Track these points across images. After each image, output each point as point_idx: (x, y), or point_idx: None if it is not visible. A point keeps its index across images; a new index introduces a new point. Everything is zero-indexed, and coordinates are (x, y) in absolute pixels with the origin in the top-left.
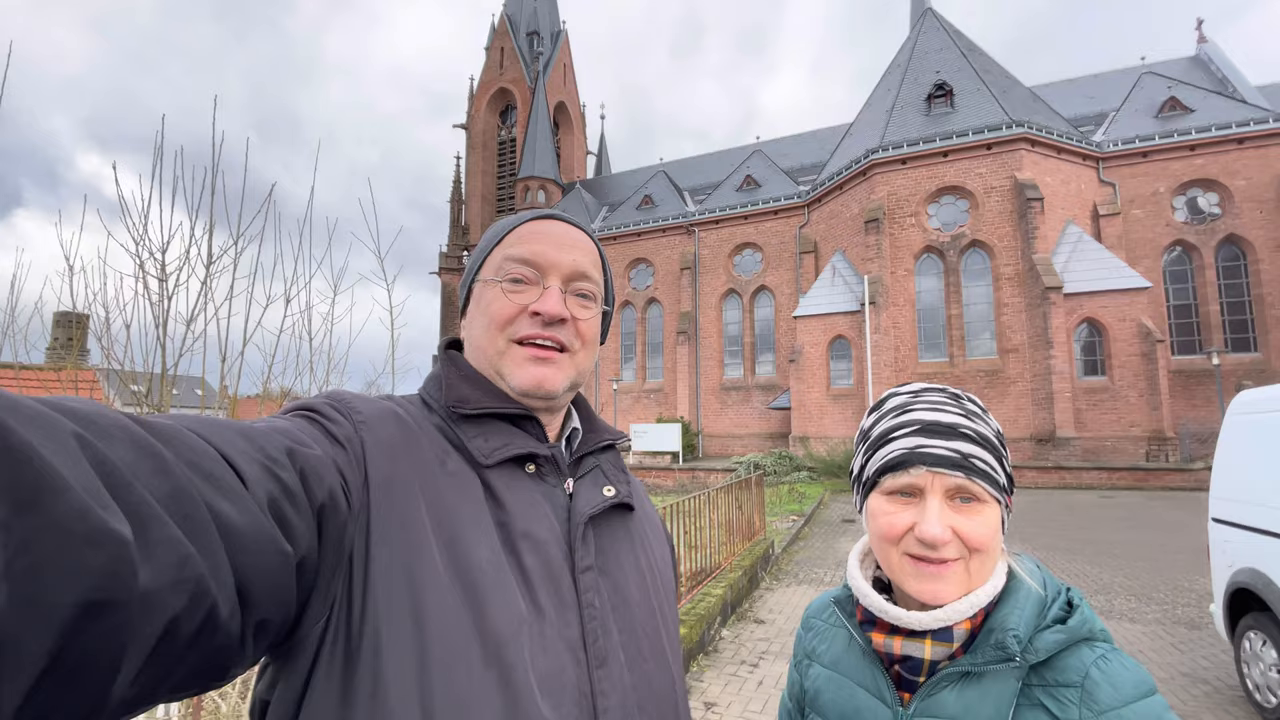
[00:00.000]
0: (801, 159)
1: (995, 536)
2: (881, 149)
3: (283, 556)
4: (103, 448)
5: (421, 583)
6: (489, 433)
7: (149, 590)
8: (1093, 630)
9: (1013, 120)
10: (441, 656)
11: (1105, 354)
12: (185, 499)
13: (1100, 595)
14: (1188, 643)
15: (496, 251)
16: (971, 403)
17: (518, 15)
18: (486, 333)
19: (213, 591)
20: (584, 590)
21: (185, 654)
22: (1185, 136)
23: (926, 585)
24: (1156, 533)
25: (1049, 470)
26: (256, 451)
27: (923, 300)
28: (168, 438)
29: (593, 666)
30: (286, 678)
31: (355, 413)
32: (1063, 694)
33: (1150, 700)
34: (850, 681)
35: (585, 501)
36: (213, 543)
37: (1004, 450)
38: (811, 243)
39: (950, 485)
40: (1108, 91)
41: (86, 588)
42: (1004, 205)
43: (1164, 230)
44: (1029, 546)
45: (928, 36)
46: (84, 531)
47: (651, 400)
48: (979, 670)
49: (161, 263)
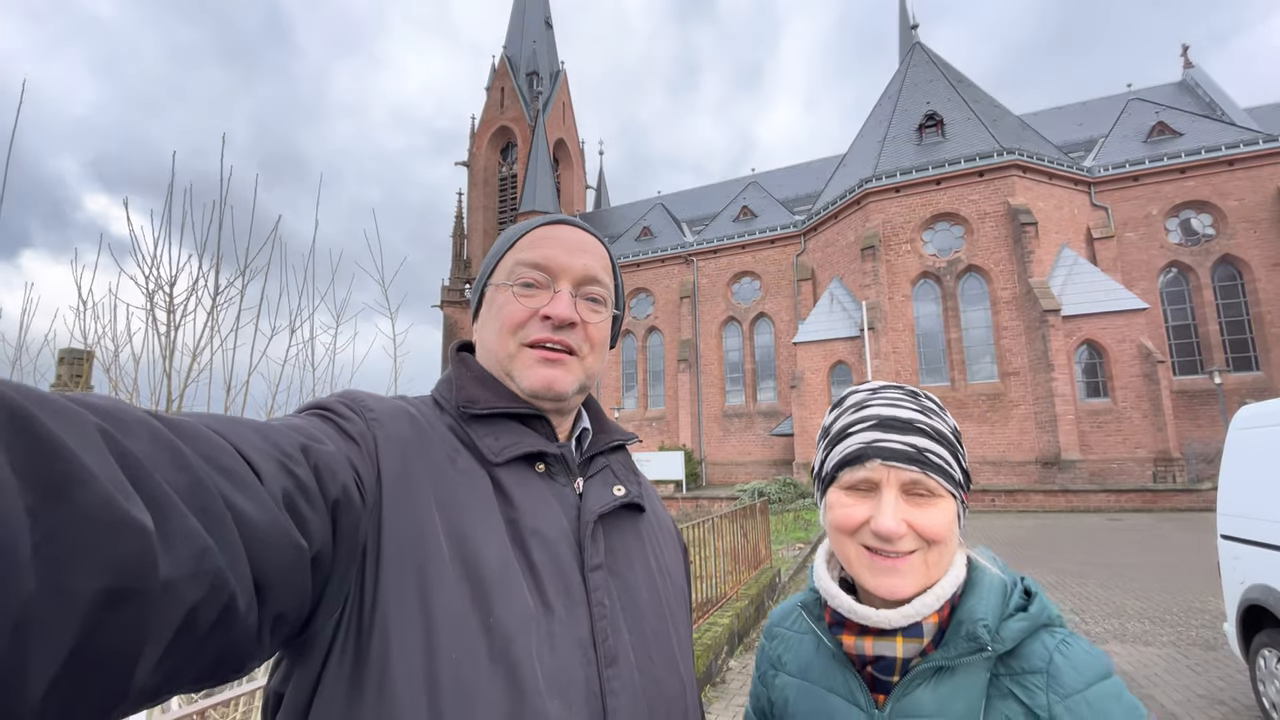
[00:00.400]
0: (796, 189)
1: (951, 529)
2: (875, 178)
3: (298, 550)
4: (125, 441)
5: (430, 578)
6: (499, 432)
7: (169, 580)
8: (1050, 616)
9: (1003, 148)
10: (449, 651)
11: (1107, 375)
12: (203, 492)
13: (1113, 619)
14: (1203, 664)
15: (508, 256)
16: (929, 400)
17: (518, 56)
18: (498, 336)
19: (231, 583)
20: (593, 589)
21: (204, 644)
22: (1175, 160)
23: (884, 580)
24: (1167, 554)
25: (1055, 494)
26: (271, 448)
27: (921, 325)
28: (186, 433)
29: (602, 665)
30: (300, 670)
31: (368, 410)
32: (1029, 680)
33: (1110, 681)
34: (821, 688)
35: (595, 500)
36: (230, 536)
37: (960, 447)
38: (809, 270)
39: (905, 479)
40: (1096, 118)
41: (110, 576)
42: (998, 230)
43: (1159, 252)
44: (1038, 571)
45: (917, 69)
46: (108, 521)
47: (654, 428)
48: (951, 664)
49: (169, 295)
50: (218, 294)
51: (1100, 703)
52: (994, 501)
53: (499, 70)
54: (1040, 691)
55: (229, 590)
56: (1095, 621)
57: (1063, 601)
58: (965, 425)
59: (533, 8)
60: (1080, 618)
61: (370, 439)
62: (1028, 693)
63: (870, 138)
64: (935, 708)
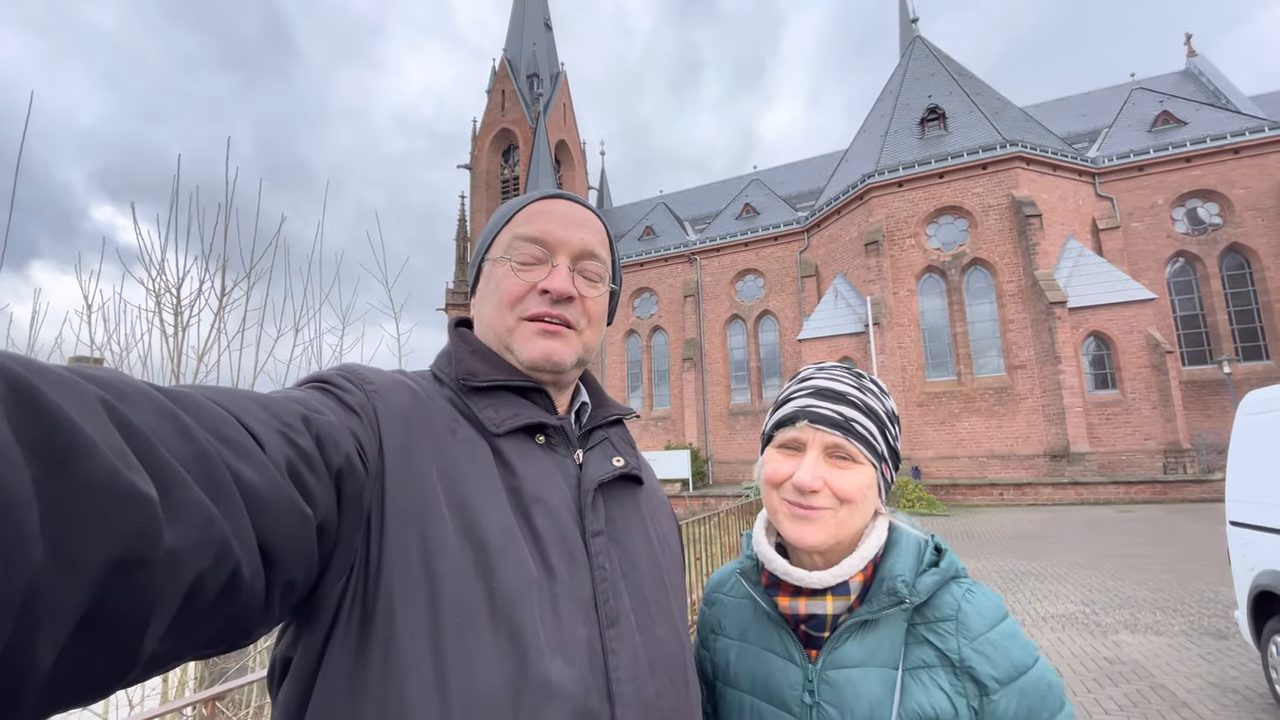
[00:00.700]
0: (799, 186)
1: (865, 492)
2: (877, 173)
3: (303, 518)
4: (127, 412)
5: (434, 545)
6: (499, 404)
7: (175, 549)
8: (957, 569)
9: (1006, 140)
10: (453, 615)
11: (1115, 367)
12: (207, 462)
13: (1124, 609)
14: (1215, 653)
15: (505, 230)
16: (870, 381)
17: (518, 59)
18: (496, 310)
19: (236, 552)
20: (595, 553)
21: (211, 612)
22: (1180, 149)
23: (798, 527)
24: (1178, 545)
25: (1065, 486)
26: (272, 418)
27: (927, 319)
28: (187, 404)
29: (604, 626)
30: (308, 636)
31: (367, 383)
32: (941, 627)
33: (1008, 622)
34: (758, 648)
35: (595, 470)
36: (235, 505)
37: (891, 427)
38: (812, 267)
39: (829, 442)
40: (1099, 108)
41: (115, 546)
42: (1002, 223)
43: (1165, 242)
44: (1048, 564)
45: (918, 63)
46: (113, 492)
47: (659, 428)
48: (875, 617)
49: (176, 298)
50: (224, 295)
51: (1001, 641)
52: (1002, 495)
53: (499, 73)
54: (951, 636)
55: (235, 558)
56: (1106, 612)
57: (1073, 593)
58: (972, 419)
59: (532, 10)
60: (1091, 609)
61: (370, 410)
62: (940, 638)
63: (872, 132)
64: (862, 657)
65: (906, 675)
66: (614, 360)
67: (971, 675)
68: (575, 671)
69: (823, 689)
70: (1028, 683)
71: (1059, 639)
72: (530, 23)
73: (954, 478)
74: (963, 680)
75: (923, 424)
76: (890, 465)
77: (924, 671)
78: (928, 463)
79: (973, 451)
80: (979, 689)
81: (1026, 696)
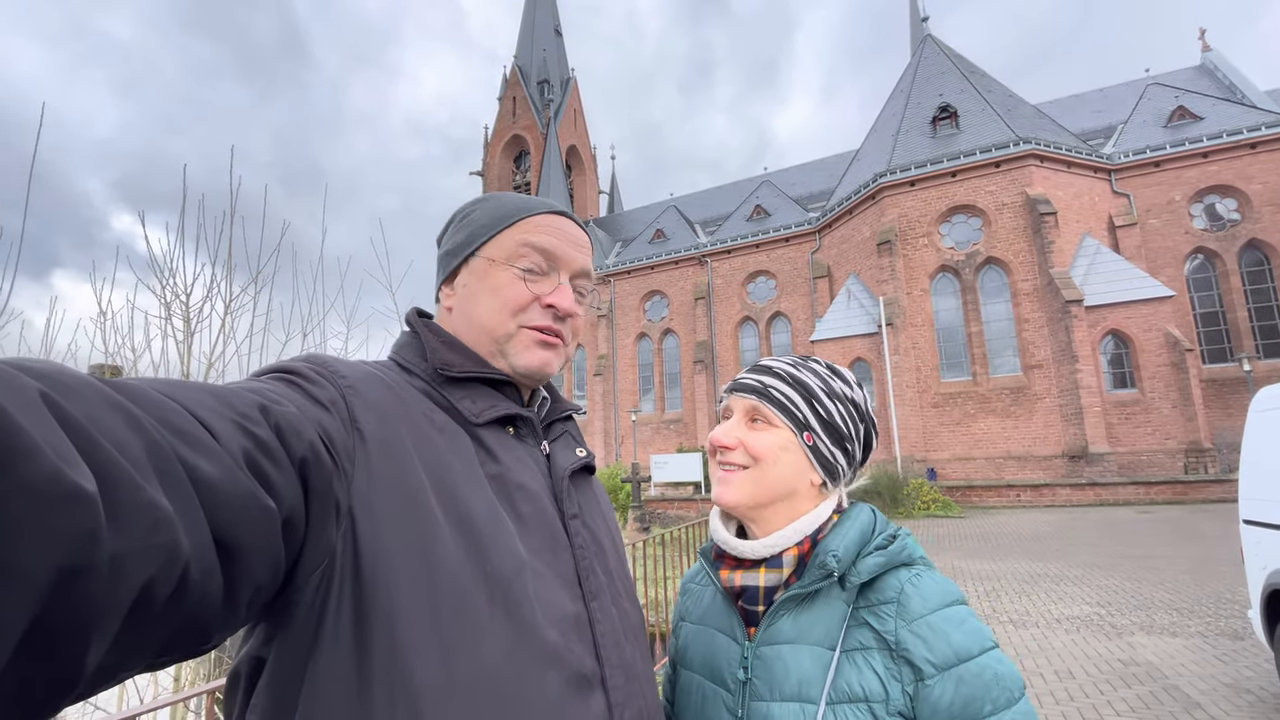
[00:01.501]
0: (810, 187)
1: (776, 453)
2: (890, 172)
3: (265, 511)
4: (69, 406)
5: (427, 534)
6: (475, 395)
7: (122, 553)
8: (911, 557)
9: (1019, 137)
10: (451, 599)
11: (1134, 366)
12: (158, 456)
13: (1140, 611)
14: (1231, 654)
15: (509, 234)
16: (826, 367)
17: (528, 65)
18: (496, 314)
19: (188, 552)
20: (574, 534)
21: (164, 617)
22: (1197, 144)
23: (718, 488)
24: (1198, 546)
25: (1083, 487)
26: (225, 408)
27: (941, 319)
28: (134, 395)
29: (588, 600)
30: (285, 635)
31: (339, 376)
32: (882, 610)
33: (955, 608)
34: (711, 629)
35: (564, 460)
36: (189, 501)
37: (830, 403)
38: (824, 267)
39: (747, 406)
40: (1114, 105)
41: (60, 553)
42: (1017, 221)
43: (1183, 238)
44: (1064, 565)
45: (929, 62)
46: (56, 495)
47: (671, 431)
48: (809, 592)
49: (185, 304)
50: (231, 301)
51: (942, 625)
52: (1019, 496)
53: (510, 80)
54: (890, 619)
55: (186, 559)
56: (1123, 614)
57: (1089, 595)
58: (988, 420)
59: (542, 16)
60: (1107, 610)
61: (343, 406)
62: (879, 620)
63: (883, 132)
64: (794, 634)
65: (843, 656)
66: (625, 363)
67: (907, 658)
68: (568, 641)
69: (755, 665)
70: (969, 671)
71: (1073, 640)
72: (540, 29)
73: (970, 479)
74: (899, 664)
75: (938, 425)
76: (824, 436)
77: (860, 653)
78: (943, 464)
79: (989, 453)
80: (914, 673)
81: (965, 685)
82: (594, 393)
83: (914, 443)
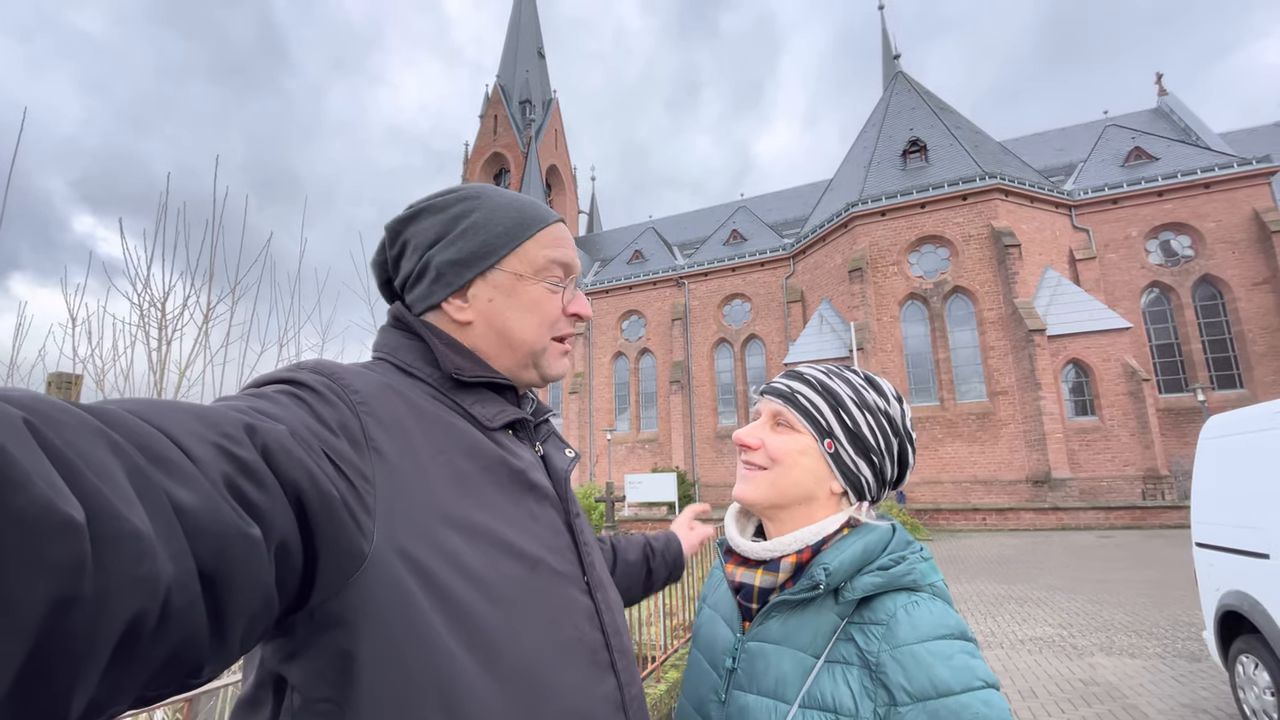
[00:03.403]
0: (785, 213)
1: (795, 457)
2: (861, 202)
3: (247, 539)
4: (51, 434)
5: (451, 545)
6: (484, 400)
7: (109, 583)
8: (917, 582)
9: (985, 172)
10: (483, 603)
11: (1094, 394)
12: (140, 484)
13: (1100, 633)
14: (1188, 675)
15: (531, 246)
16: (863, 378)
17: (510, 85)
18: (536, 330)
19: (171, 581)
20: (577, 531)
21: (150, 650)
22: (1152, 183)
23: (738, 485)
24: (1155, 569)
25: (1046, 511)
26: (208, 430)
27: (910, 345)
28: (115, 422)
29: (593, 591)
30: (308, 654)
31: (353, 391)
32: (871, 630)
33: (947, 642)
34: (719, 615)
35: (560, 460)
36: (171, 530)
37: (858, 413)
38: (798, 292)
39: (773, 409)
40: (1074, 144)
41: (52, 585)
42: (983, 252)
43: (1140, 272)
44: (1028, 588)
45: (900, 97)
46: (46, 526)
47: (646, 451)
48: (800, 600)
49: (161, 312)
50: (209, 310)
51: (926, 656)
52: (985, 520)
53: (492, 98)
54: (876, 640)
55: (170, 589)
56: (1083, 635)
57: (1051, 616)
58: (955, 444)
59: (525, 39)
60: (1068, 631)
61: (356, 425)
62: (865, 639)
63: (856, 163)
64: (780, 636)
65: (824, 666)
66: (601, 382)
67: (884, 682)
68: (584, 632)
69: (742, 657)
70: (945, 707)
71: (1035, 661)
72: (524, 51)
73: (938, 502)
74: (875, 685)
75: None
76: (847, 446)
77: (841, 667)
78: (912, 487)
79: (956, 476)
80: (889, 697)
81: None
82: (569, 411)
83: None
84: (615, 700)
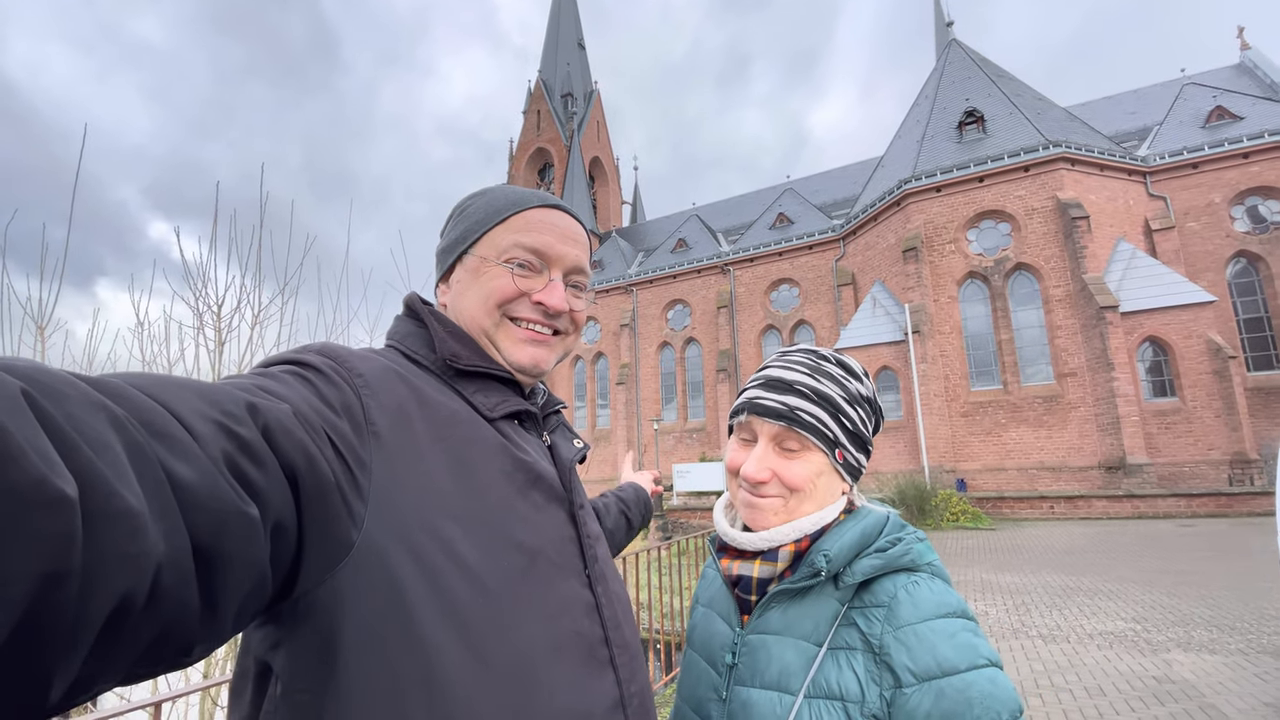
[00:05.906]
0: (833, 194)
1: (813, 480)
2: (914, 178)
3: (244, 518)
4: (49, 406)
5: (447, 532)
6: (486, 389)
7: (99, 559)
8: (915, 563)
9: (1049, 140)
10: (476, 594)
11: (1174, 374)
12: (138, 459)
13: (1178, 627)
14: (1273, 672)
15: (499, 231)
16: (836, 364)
17: (552, 79)
18: (482, 305)
19: (164, 558)
20: (581, 524)
21: (140, 627)
22: (1236, 145)
23: (750, 513)
24: (1241, 560)
25: (1121, 500)
26: (210, 407)
27: (970, 327)
28: (116, 394)
29: (594, 584)
30: (295, 641)
31: (356, 375)
32: (872, 613)
33: (949, 620)
34: (714, 613)
35: (567, 451)
36: (168, 506)
37: (854, 409)
38: (849, 275)
39: (774, 432)
40: (1149, 106)
41: (42, 559)
42: (1048, 226)
43: (1224, 241)
44: (1098, 580)
45: (954, 66)
46: (38, 500)
47: (694, 440)
48: (800, 588)
49: (218, 315)
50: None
51: (929, 635)
52: (1053, 508)
53: (534, 94)
54: (878, 622)
55: (159, 566)
56: (1158, 629)
57: (1123, 609)
58: (1020, 430)
59: (565, 31)
60: (1142, 626)
61: (358, 406)
62: (867, 622)
63: (908, 138)
64: (781, 627)
65: (828, 654)
66: (648, 372)
67: (888, 664)
68: (583, 626)
69: (742, 651)
70: (950, 685)
71: (1105, 656)
72: (564, 43)
73: (1001, 491)
74: (880, 669)
75: (968, 435)
76: (851, 448)
77: (845, 653)
78: (973, 475)
79: (1021, 463)
80: (894, 679)
81: (946, 699)
82: (617, 401)
83: (942, 453)
84: (613, 698)
